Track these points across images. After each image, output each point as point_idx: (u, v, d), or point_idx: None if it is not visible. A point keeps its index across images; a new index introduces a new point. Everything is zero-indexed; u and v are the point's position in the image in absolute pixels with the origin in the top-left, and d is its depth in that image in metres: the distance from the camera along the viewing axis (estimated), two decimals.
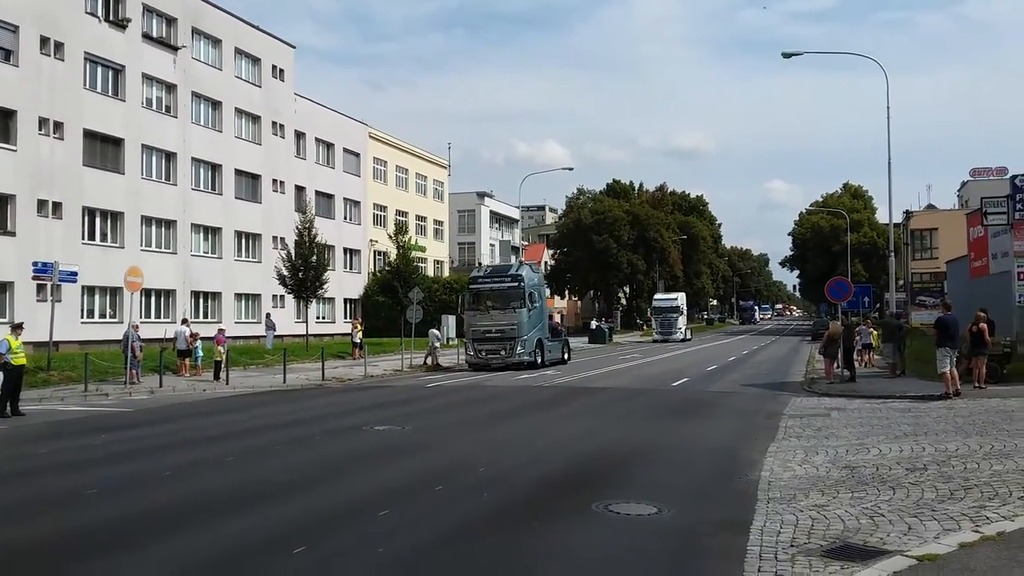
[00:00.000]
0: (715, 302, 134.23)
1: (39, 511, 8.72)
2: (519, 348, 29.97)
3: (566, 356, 34.40)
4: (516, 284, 30.58)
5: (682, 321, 62.50)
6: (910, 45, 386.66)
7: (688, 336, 63.48)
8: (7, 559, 6.93)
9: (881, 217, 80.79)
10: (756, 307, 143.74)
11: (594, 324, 63.25)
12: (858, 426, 14.03)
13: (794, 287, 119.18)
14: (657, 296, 67.81)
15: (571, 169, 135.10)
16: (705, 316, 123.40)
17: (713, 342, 60.12)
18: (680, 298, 64.66)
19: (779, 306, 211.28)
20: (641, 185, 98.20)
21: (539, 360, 30.77)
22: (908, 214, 59.44)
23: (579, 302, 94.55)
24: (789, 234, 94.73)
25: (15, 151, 31.38)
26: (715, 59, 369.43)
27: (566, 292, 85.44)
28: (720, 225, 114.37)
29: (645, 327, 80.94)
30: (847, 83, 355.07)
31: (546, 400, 20.33)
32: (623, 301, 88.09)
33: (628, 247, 76.26)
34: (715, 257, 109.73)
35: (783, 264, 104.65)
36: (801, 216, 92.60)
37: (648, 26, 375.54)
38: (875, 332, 31.29)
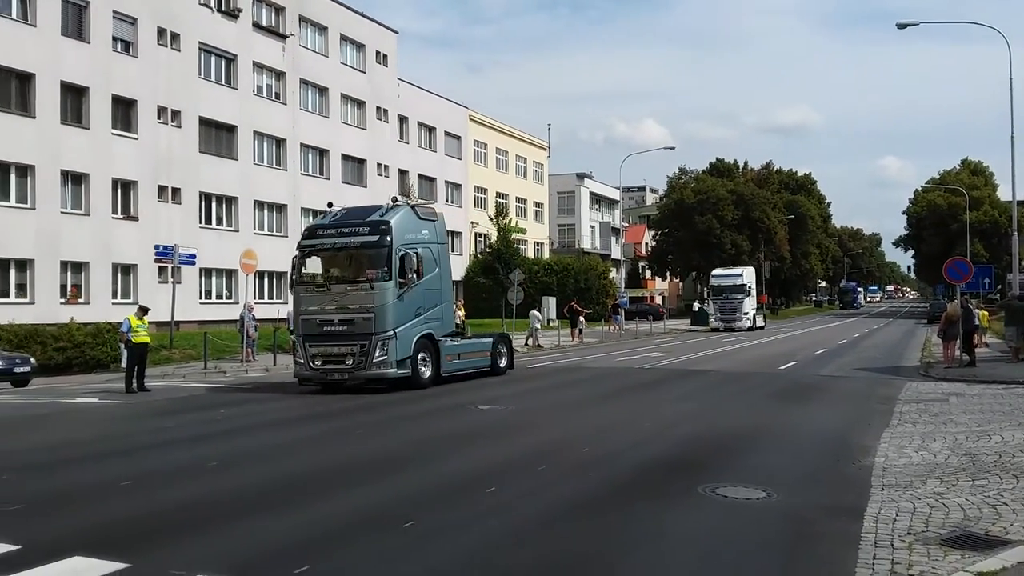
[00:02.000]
0: (824, 283, 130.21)
1: (166, 482, 9.19)
2: (378, 352, 17.66)
3: (502, 363, 21.98)
4: (376, 239, 18.06)
5: (750, 304, 50.53)
6: None
7: (760, 324, 51.99)
8: (141, 528, 7.33)
9: (1003, 194, 76.66)
10: (860, 288, 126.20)
11: (696, 306, 62.40)
12: (978, 412, 13.44)
13: (908, 268, 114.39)
14: (715, 272, 54.05)
15: (673, 148, 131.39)
16: (813, 298, 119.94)
17: (819, 326, 58.42)
18: (746, 274, 52.01)
19: (890, 288, 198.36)
20: (746, 163, 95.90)
21: (423, 373, 18.63)
22: None
23: (681, 284, 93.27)
24: (903, 212, 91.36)
25: (136, 139, 32.96)
26: (823, 31, 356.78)
27: (667, 273, 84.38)
28: (829, 204, 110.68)
29: None
30: (966, 54, 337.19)
31: (648, 382, 20.19)
32: None
33: (732, 227, 74.68)
34: (824, 237, 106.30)
35: (897, 244, 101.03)
36: (916, 194, 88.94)
37: (754, 1, 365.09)
38: (984, 314, 30.10)
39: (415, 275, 18.25)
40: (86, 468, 10.02)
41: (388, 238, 17.96)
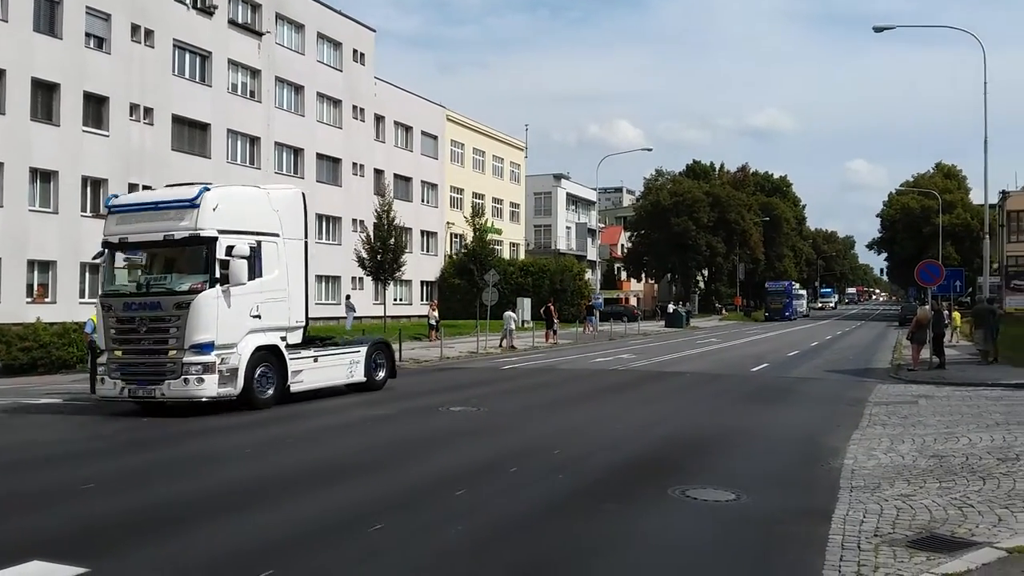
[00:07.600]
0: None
1: (129, 485, 9.02)
2: None
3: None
4: None
5: (209, 321, 13.90)
6: (1010, 17, 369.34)
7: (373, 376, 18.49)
8: (102, 531, 7.20)
9: (976, 198, 77.70)
10: (800, 290, 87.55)
11: (671, 308, 62.59)
12: (947, 414, 13.55)
13: (882, 271, 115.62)
14: (115, 202, 15.42)
15: (651, 150, 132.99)
16: None
17: (792, 328, 58.63)
18: (219, 202, 14.30)
19: (852, 290, 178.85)
20: (722, 166, 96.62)
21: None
22: (1004, 195, 56.83)
23: (656, 285, 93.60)
24: (877, 215, 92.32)
25: (108, 136, 32.53)
26: (802, 36, 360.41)
27: (643, 275, 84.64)
28: (804, 207, 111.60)
29: (724, 311, 79.71)
30: (941, 59, 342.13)
31: (621, 384, 20.20)
32: (701, 284, 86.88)
33: (708, 229, 75.06)
34: (798, 239, 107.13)
35: (870, 247, 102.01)
36: (890, 197, 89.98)
37: (736, 2, 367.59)
38: (956, 314, 30.49)
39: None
40: (47, 470, 9.85)
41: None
